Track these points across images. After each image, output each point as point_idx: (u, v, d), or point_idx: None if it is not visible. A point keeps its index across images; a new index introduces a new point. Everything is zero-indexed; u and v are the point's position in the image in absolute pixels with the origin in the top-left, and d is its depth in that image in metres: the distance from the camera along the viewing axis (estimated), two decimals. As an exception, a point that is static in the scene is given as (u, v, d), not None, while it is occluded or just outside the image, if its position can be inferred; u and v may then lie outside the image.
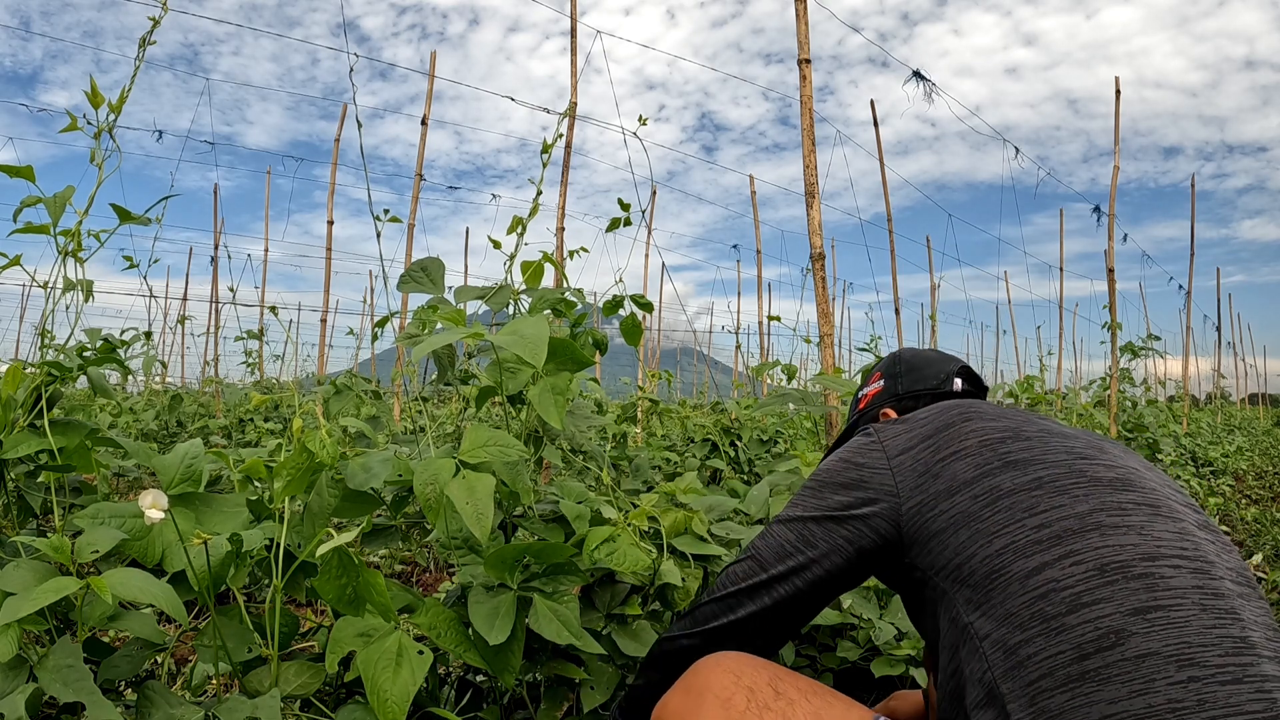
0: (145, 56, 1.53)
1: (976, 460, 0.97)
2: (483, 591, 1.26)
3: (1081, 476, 0.92)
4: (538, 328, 1.12)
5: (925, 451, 1.03)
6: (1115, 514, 0.87)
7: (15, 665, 0.96)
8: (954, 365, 1.36)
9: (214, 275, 9.03)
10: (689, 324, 29.46)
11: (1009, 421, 1.03)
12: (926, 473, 1.00)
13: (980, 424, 1.03)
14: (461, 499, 1.12)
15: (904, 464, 1.03)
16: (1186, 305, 10.39)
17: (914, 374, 1.35)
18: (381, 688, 1.05)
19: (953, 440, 1.02)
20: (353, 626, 1.12)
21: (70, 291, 1.41)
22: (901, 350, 1.45)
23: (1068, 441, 0.99)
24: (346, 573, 1.08)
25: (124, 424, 5.05)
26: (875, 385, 1.40)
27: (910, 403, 1.32)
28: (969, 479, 0.96)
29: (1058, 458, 0.95)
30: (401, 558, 3.18)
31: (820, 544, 1.07)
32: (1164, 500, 0.91)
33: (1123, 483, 0.92)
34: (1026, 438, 0.99)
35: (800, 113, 2.85)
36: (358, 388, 1.79)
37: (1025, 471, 0.93)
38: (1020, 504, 0.90)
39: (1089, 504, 0.88)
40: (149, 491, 0.98)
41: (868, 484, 1.05)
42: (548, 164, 1.63)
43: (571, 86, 3.84)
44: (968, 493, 0.94)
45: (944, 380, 1.33)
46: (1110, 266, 6.28)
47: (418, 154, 5.53)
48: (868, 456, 1.07)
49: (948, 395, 1.30)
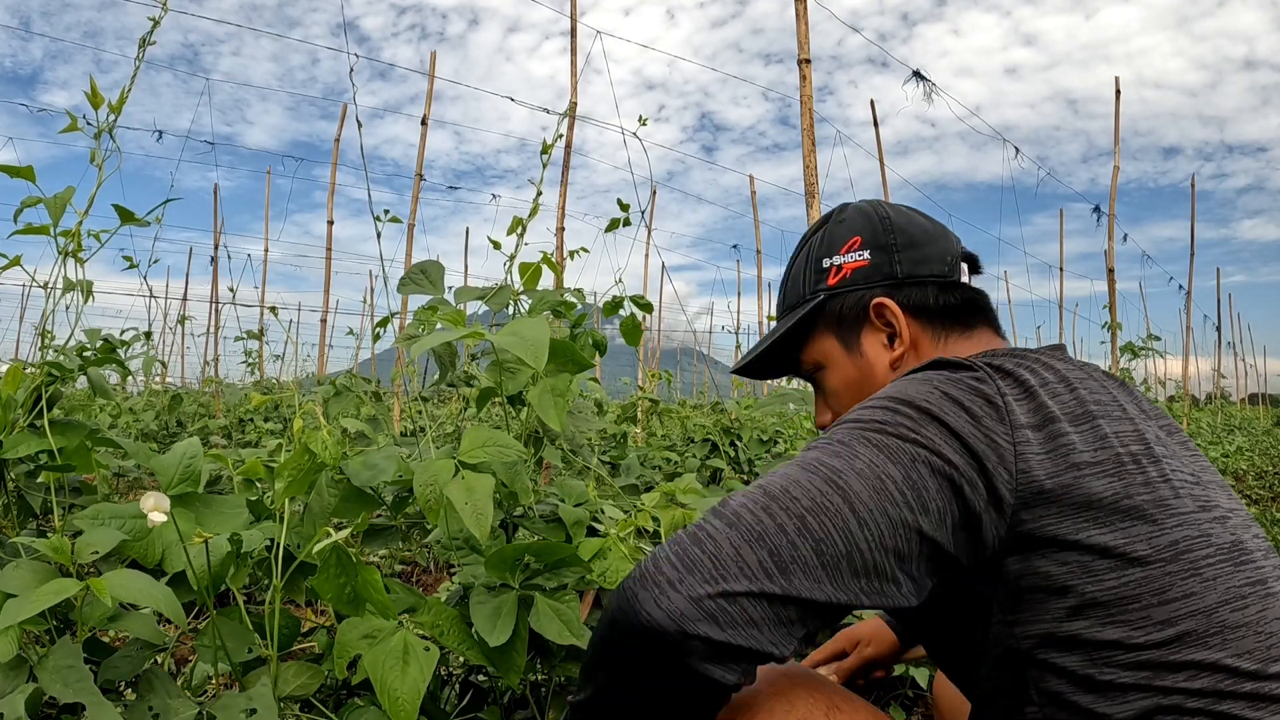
0: (145, 56, 1.53)
1: (1118, 482, 0.75)
2: (484, 592, 1.27)
3: (1209, 542, 0.75)
4: (538, 329, 1.12)
5: (1056, 434, 0.77)
6: (1238, 608, 0.73)
7: (15, 665, 0.96)
8: (957, 243, 1.03)
9: (214, 275, 9.04)
10: (689, 324, 29.46)
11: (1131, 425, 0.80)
12: (1055, 477, 0.76)
13: (1114, 425, 0.79)
14: (460, 499, 1.12)
15: (1030, 445, 0.76)
16: (1186, 305, 10.41)
17: (914, 250, 0.99)
18: (391, 686, 1.05)
19: (1086, 430, 0.78)
20: (357, 629, 1.12)
21: (70, 292, 1.42)
22: (881, 206, 1.05)
23: (1185, 467, 0.80)
24: (345, 572, 1.08)
25: (124, 424, 5.05)
26: (856, 255, 1.01)
27: (914, 293, 0.98)
28: (1105, 512, 0.74)
29: (1187, 502, 0.76)
30: (401, 558, 3.18)
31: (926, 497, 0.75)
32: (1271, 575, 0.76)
33: (1240, 551, 0.76)
34: (1158, 456, 0.78)
35: (800, 113, 2.85)
36: (358, 388, 1.79)
37: (1163, 522, 0.74)
38: (1152, 584, 0.72)
39: (1215, 594, 0.73)
40: (151, 494, 0.98)
41: (975, 438, 0.75)
42: (548, 164, 1.63)
43: (571, 87, 3.84)
44: (1100, 537, 0.74)
45: (953, 264, 1.00)
46: (1110, 266, 6.28)
47: (418, 154, 5.53)
48: (983, 411, 0.77)
49: (956, 287, 0.99)
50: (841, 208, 1.07)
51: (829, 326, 1.03)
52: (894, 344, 0.99)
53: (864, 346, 1.01)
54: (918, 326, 0.98)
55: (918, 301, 0.98)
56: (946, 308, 0.98)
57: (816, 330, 1.04)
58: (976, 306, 1.00)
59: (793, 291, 1.07)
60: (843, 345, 1.03)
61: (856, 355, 1.02)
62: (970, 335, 0.99)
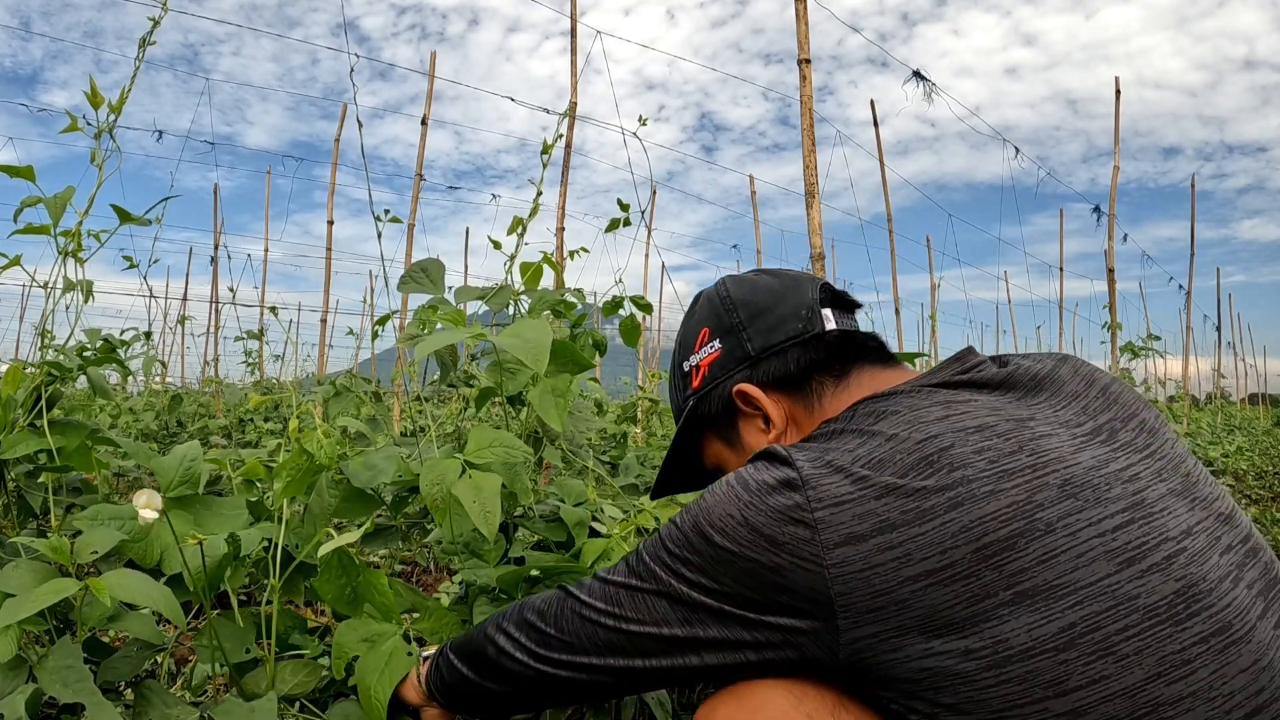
0: (145, 57, 1.53)
1: (968, 586, 0.65)
2: (486, 602, 1.27)
3: (1133, 608, 0.64)
4: (540, 331, 1.12)
5: (883, 546, 0.67)
6: (1177, 678, 0.63)
7: (15, 665, 0.96)
8: (813, 288, 0.93)
9: (214, 275, 9.04)
10: (689, 324, 29.37)
11: (1019, 483, 0.69)
12: (887, 594, 0.67)
13: (971, 487, 0.68)
14: (469, 498, 1.11)
15: (850, 565, 0.68)
16: (1186, 305, 10.40)
17: (761, 320, 0.92)
18: (371, 691, 1.07)
19: (930, 529, 0.67)
20: (356, 632, 1.12)
21: (70, 291, 1.41)
22: (723, 284, 0.98)
23: (1108, 513, 0.68)
24: (347, 573, 1.08)
25: (124, 424, 5.04)
26: (708, 348, 0.95)
27: (774, 364, 0.91)
28: (960, 620, 0.65)
29: (1095, 569, 0.65)
30: (401, 558, 3.18)
31: (711, 632, 0.76)
32: (1236, 618, 0.66)
33: (1187, 600, 0.65)
34: (1047, 526, 0.67)
35: (800, 113, 2.85)
36: (358, 388, 1.79)
37: (1048, 609, 0.64)
38: (1042, 677, 0.64)
39: (1142, 670, 0.63)
40: (143, 491, 0.98)
41: (789, 584, 0.70)
42: (548, 164, 1.63)
43: (571, 87, 3.84)
44: (956, 643, 0.65)
45: (808, 318, 0.91)
46: (1110, 266, 6.28)
47: (418, 154, 5.53)
48: (788, 535, 0.70)
49: (819, 340, 0.91)
50: (694, 300, 1.03)
51: (709, 429, 0.99)
52: (770, 427, 0.93)
53: (744, 439, 0.96)
54: (787, 399, 0.92)
55: (778, 373, 0.92)
56: (813, 365, 0.91)
57: (703, 436, 1.01)
58: (848, 349, 0.92)
59: (673, 403, 1.05)
60: (726, 444, 0.99)
61: (740, 450, 0.97)
62: (846, 383, 0.91)
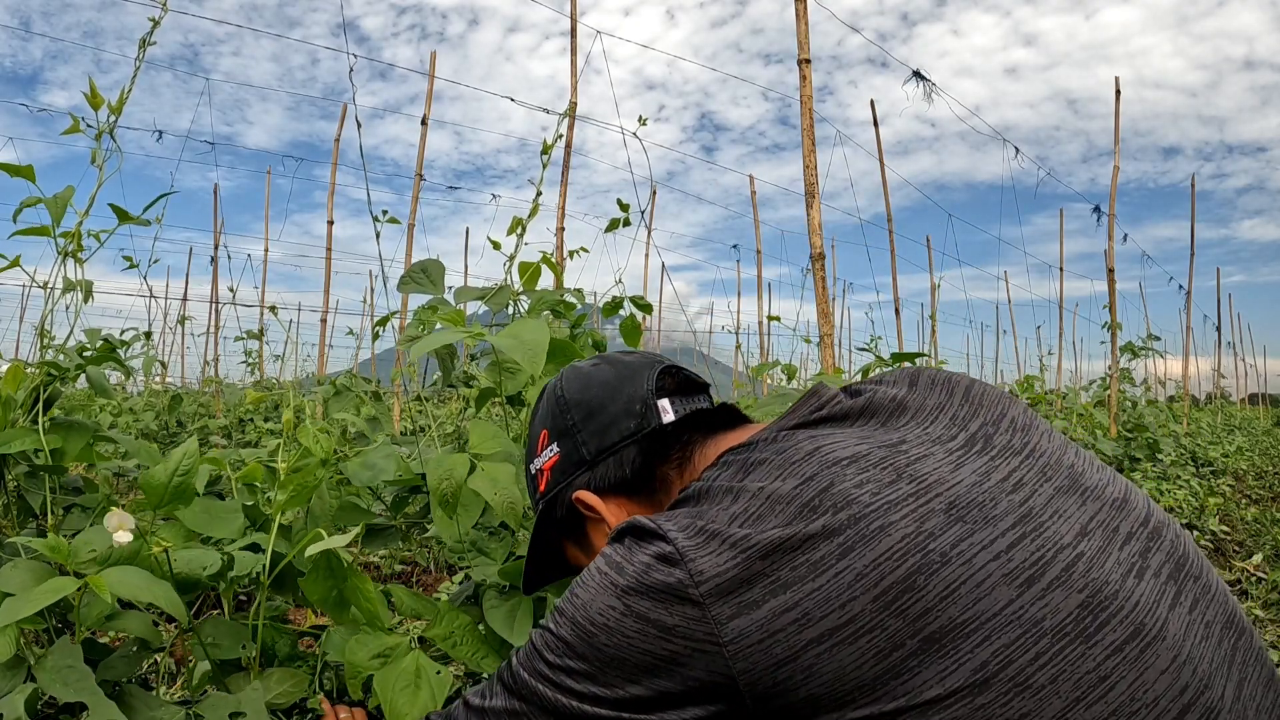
0: (145, 57, 1.53)
1: (873, 640, 0.62)
2: (495, 595, 1.26)
3: (1040, 632, 0.62)
4: (538, 332, 1.12)
5: (779, 609, 0.64)
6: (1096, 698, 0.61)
7: (14, 665, 0.96)
8: (649, 376, 0.89)
9: (214, 275, 9.04)
10: (689, 324, 29.47)
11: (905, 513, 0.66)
12: (791, 662, 0.64)
13: (859, 527, 0.65)
14: (489, 490, 1.10)
15: (747, 638, 0.65)
16: (1186, 305, 10.40)
17: (595, 420, 0.88)
18: (400, 710, 1.04)
19: (824, 583, 0.64)
20: (366, 648, 1.09)
21: (70, 292, 1.42)
22: (561, 380, 0.94)
23: (999, 531, 0.66)
24: (334, 575, 1.08)
25: (124, 424, 5.05)
26: (549, 452, 0.91)
27: (610, 467, 0.87)
28: (868, 680, 0.62)
29: (997, 596, 0.63)
30: (401, 558, 3.18)
31: None
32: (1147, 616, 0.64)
33: (1094, 611, 0.63)
34: (942, 556, 0.64)
35: (800, 113, 2.85)
36: (358, 388, 1.79)
37: (955, 651, 0.62)
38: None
39: (1060, 699, 0.61)
40: (114, 512, 0.92)
41: (688, 673, 0.67)
42: (547, 164, 1.63)
43: (571, 87, 3.84)
44: (868, 708, 0.63)
45: (644, 412, 0.87)
46: (1110, 266, 6.28)
47: (418, 154, 5.54)
48: (679, 616, 0.66)
49: (658, 435, 0.86)
50: (540, 393, 0.98)
51: (560, 533, 0.95)
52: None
53: (594, 543, 0.92)
54: (629, 501, 0.88)
55: (615, 477, 0.86)
56: (651, 457, 0.86)
57: (559, 540, 0.96)
58: (683, 432, 0.87)
59: (530, 502, 1.00)
60: (579, 548, 0.95)
61: (592, 555, 0.91)
62: (692, 464, 0.86)
